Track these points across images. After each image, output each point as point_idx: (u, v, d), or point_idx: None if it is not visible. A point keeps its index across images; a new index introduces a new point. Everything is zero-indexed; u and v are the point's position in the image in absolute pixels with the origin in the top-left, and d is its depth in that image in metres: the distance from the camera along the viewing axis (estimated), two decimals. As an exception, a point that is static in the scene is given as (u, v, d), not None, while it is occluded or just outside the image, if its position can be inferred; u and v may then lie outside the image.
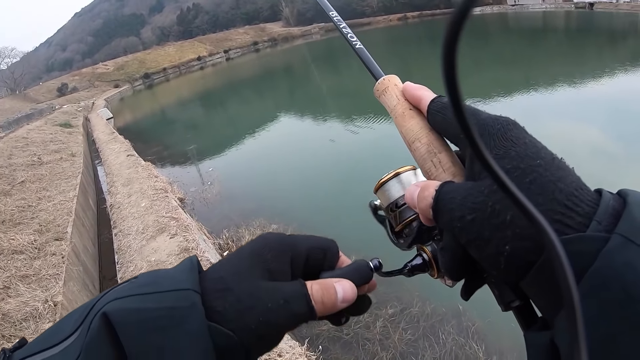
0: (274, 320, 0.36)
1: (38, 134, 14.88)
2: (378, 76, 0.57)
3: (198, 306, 0.34)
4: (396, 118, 0.51)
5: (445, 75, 0.22)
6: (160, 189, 6.92)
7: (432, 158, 0.46)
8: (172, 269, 0.39)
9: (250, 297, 0.37)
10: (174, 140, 16.74)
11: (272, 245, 0.41)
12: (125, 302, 0.34)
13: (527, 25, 39.28)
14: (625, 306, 0.26)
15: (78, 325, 0.34)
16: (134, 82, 67.18)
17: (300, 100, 20.84)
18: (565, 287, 0.24)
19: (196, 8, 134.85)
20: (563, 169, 0.33)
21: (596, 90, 11.28)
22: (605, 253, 0.27)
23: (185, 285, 0.36)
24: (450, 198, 0.36)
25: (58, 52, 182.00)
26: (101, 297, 0.36)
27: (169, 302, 0.34)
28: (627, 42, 20.83)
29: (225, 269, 0.39)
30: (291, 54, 56.28)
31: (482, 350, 3.58)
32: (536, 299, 0.35)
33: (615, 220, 0.29)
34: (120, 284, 0.38)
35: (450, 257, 0.39)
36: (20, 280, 4.07)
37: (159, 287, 0.36)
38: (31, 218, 5.80)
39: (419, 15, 74.65)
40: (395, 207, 0.51)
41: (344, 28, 0.63)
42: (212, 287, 0.37)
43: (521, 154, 0.34)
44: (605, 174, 6.12)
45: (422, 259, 0.48)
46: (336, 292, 0.40)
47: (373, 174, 2.36)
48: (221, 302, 0.36)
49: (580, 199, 0.31)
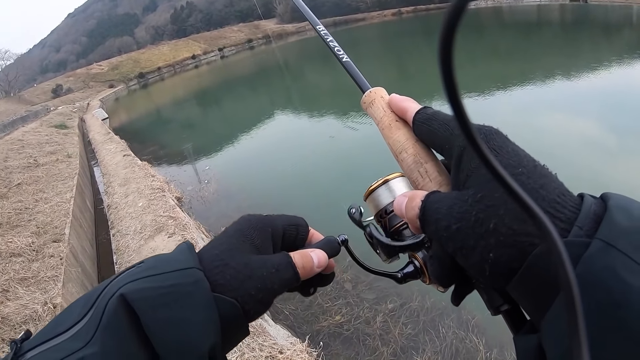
0: (269, 285, 0.43)
1: (33, 136, 14.84)
2: (365, 89, 0.58)
3: (203, 280, 0.40)
4: (383, 130, 0.53)
5: (442, 68, 0.22)
6: (157, 189, 6.91)
7: (419, 168, 0.47)
8: (172, 252, 0.44)
9: (246, 269, 0.43)
10: (170, 140, 16.69)
11: (254, 224, 0.48)
12: (138, 283, 0.38)
13: (522, 18, 39.29)
14: (607, 311, 0.26)
15: (87, 311, 0.37)
16: (128, 82, 67.05)
17: (296, 97, 20.82)
18: (564, 280, 0.24)
19: (190, 6, 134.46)
20: (546, 176, 0.34)
21: (592, 83, 11.28)
22: (586, 258, 0.28)
23: (188, 265, 0.41)
24: (436, 208, 0.38)
25: (52, 54, 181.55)
26: (110, 282, 0.40)
27: (178, 279, 0.39)
28: (622, 34, 20.84)
29: (218, 248, 0.45)
30: (285, 51, 56.19)
31: (483, 344, 3.59)
32: (522, 302, 0.35)
33: (597, 225, 0.29)
34: (128, 268, 0.42)
35: (439, 265, 0.41)
36: (19, 283, 4.06)
37: (166, 268, 0.40)
38: (28, 220, 5.78)
39: (413, 10, 74.63)
40: (385, 213, 0.53)
41: (332, 41, 0.65)
42: (211, 264, 0.42)
43: (504, 162, 0.35)
44: (601, 167, 6.14)
45: (414, 267, 0.49)
46: (312, 259, 0.48)
47: (368, 171, 2.42)
48: (222, 276, 0.42)
49: (562, 205, 0.32)
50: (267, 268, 0.44)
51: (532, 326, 0.36)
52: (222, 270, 0.42)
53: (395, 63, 23.69)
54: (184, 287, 0.39)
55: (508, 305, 0.39)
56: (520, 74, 13.56)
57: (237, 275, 0.42)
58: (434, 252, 0.41)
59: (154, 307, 0.37)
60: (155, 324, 0.36)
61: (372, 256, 0.55)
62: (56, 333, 0.36)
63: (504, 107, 10.49)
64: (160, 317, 0.36)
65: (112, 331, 0.35)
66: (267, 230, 0.48)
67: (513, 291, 0.34)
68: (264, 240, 0.47)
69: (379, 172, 0.55)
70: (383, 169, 0.55)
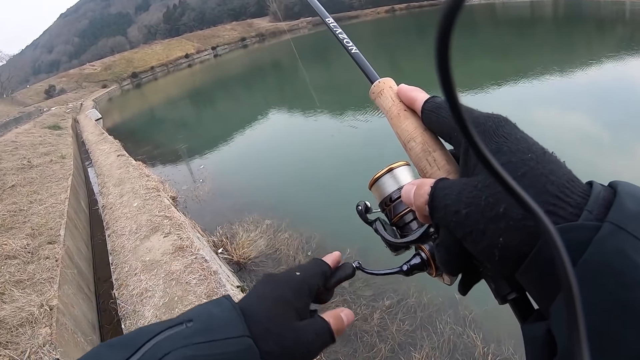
0: (312, 351, 0.46)
1: (27, 137, 14.73)
2: (373, 79, 0.59)
3: (254, 349, 0.42)
4: (391, 119, 0.53)
5: (438, 65, 0.22)
6: (152, 188, 6.88)
7: (427, 157, 0.47)
8: (220, 313, 0.45)
9: (291, 336, 0.46)
10: (164, 139, 16.65)
11: (291, 287, 0.51)
12: (191, 349, 0.39)
13: (515, 15, 39.37)
14: (617, 292, 0.27)
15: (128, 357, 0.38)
16: (122, 82, 66.64)
17: (289, 95, 20.81)
18: (562, 273, 0.24)
19: (182, 5, 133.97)
20: (554, 163, 0.34)
21: (585, 79, 11.34)
22: (597, 241, 0.28)
23: (239, 332, 0.42)
24: (445, 194, 0.38)
25: (44, 54, 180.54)
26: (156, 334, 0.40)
27: (227, 348, 0.40)
28: (615, 29, 20.94)
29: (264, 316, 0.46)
30: (279, 49, 56.08)
31: (480, 339, 3.60)
32: (531, 289, 0.35)
33: (606, 210, 0.30)
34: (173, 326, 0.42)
35: (446, 252, 0.41)
36: (15, 285, 4.04)
37: (215, 336, 0.41)
38: (23, 222, 5.75)
39: (406, 7, 74.68)
40: (389, 201, 0.54)
41: (340, 34, 0.66)
42: (259, 333, 0.44)
43: (513, 148, 0.35)
44: (595, 161, 6.17)
45: (421, 258, 0.50)
46: (343, 321, 0.51)
47: (363, 167, 2.42)
48: (267, 343, 0.43)
49: (571, 191, 0.32)
50: (308, 335, 0.47)
51: (539, 315, 0.36)
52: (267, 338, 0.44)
53: (388, 60, 23.67)
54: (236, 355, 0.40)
55: (516, 293, 0.39)
56: (514, 70, 13.61)
57: (284, 343, 0.44)
58: (441, 240, 0.41)
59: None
60: None
61: (377, 254, 0.57)
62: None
63: (498, 102, 10.52)
64: None
65: None
66: (303, 291, 0.51)
67: (522, 277, 0.34)
68: (303, 301, 0.50)
69: (375, 167, 0.55)
70: (379, 164, 0.55)
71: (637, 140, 6.97)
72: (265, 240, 5.80)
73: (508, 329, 3.64)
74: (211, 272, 3.97)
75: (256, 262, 5.40)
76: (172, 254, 4.46)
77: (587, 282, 0.27)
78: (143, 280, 4.18)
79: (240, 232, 5.94)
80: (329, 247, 5.38)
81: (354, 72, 0.63)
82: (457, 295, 4.04)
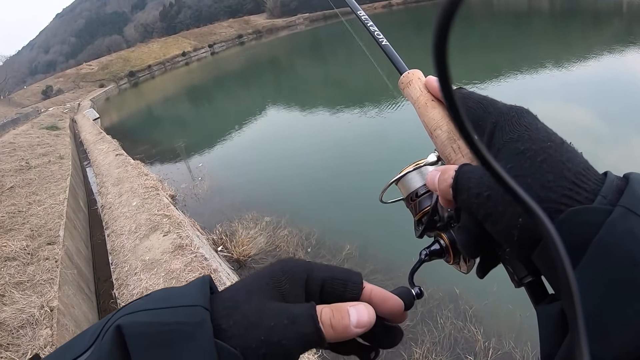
0: (277, 339, 0.35)
1: (25, 138, 14.72)
2: (402, 70, 0.61)
3: (207, 323, 0.34)
4: (419, 108, 0.55)
5: (436, 65, 0.23)
6: (151, 187, 6.88)
7: (452, 144, 0.50)
8: (184, 286, 0.39)
9: (255, 316, 0.36)
10: (162, 138, 16.63)
11: (287, 268, 0.41)
12: (137, 316, 0.35)
13: (512, 9, 39.26)
14: (627, 270, 0.29)
15: (92, 342, 0.34)
16: (119, 81, 66.45)
17: (287, 92, 20.79)
18: (562, 274, 0.26)
19: (179, 3, 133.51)
20: (572, 152, 0.37)
21: (582, 71, 11.32)
22: (609, 223, 0.30)
23: (195, 302, 0.36)
24: (468, 178, 0.40)
25: (41, 55, 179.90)
26: (115, 313, 0.36)
27: (179, 318, 0.34)
28: (613, 22, 20.90)
29: (236, 288, 0.39)
30: (276, 46, 55.96)
31: (481, 333, 3.61)
32: (545, 270, 0.37)
33: (619, 196, 0.32)
34: (134, 300, 0.38)
35: (467, 235, 0.43)
36: (15, 287, 4.04)
37: (170, 303, 0.36)
38: (22, 223, 5.74)
39: (403, 2, 74.37)
40: (415, 196, 0.56)
41: (372, 26, 0.68)
42: (221, 305, 0.37)
43: (533, 137, 0.38)
44: (592, 153, 6.16)
45: (440, 245, 0.51)
46: (349, 315, 0.38)
47: (361, 163, 2.40)
48: (227, 320, 0.36)
49: (587, 177, 0.34)
50: (279, 318, 0.36)
51: (553, 298, 0.39)
52: (229, 313, 0.36)
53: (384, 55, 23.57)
54: (187, 326, 0.34)
55: (531, 277, 0.41)
56: (511, 63, 13.59)
57: (242, 321, 0.36)
58: (463, 223, 0.43)
59: (150, 345, 0.32)
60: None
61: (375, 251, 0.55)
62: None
63: (495, 96, 10.49)
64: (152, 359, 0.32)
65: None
66: (300, 276, 0.41)
67: (538, 258, 0.36)
68: (295, 288, 0.40)
69: (374, 164, 0.55)
70: (379, 161, 0.55)
71: (634, 132, 6.97)
72: (265, 238, 5.80)
73: (509, 323, 3.64)
74: (211, 270, 3.98)
75: (256, 260, 5.40)
76: (171, 253, 4.47)
77: (599, 261, 0.30)
78: (143, 279, 4.18)
79: (239, 230, 5.94)
80: (328, 243, 5.37)
81: (352, 68, 0.62)
82: (457, 290, 4.05)
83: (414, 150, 6.90)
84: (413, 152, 0.59)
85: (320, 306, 0.38)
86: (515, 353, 3.41)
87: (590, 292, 0.29)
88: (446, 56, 0.22)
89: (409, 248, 0.57)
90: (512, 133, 0.39)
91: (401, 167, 0.57)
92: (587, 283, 0.30)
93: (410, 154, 0.60)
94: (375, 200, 0.60)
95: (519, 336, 3.51)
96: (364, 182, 6.92)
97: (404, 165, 0.57)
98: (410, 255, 4.93)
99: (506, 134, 0.40)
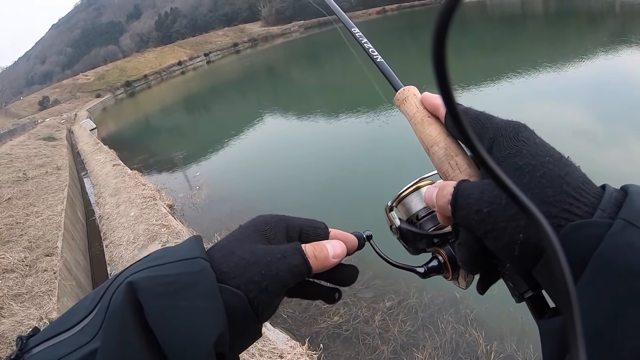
0: (275, 271, 0.41)
1: (22, 150, 14.71)
2: (397, 87, 0.61)
3: (208, 270, 0.39)
4: (415, 125, 0.55)
5: (436, 71, 0.23)
6: (149, 197, 6.87)
7: (450, 160, 0.49)
8: (180, 244, 0.44)
9: (251, 255, 0.42)
10: (159, 147, 16.63)
11: (268, 219, 0.48)
12: (143, 273, 0.38)
13: (506, 11, 39.51)
14: (628, 282, 0.29)
15: (94, 306, 0.37)
16: (115, 91, 66.67)
17: (283, 99, 20.83)
18: (560, 277, 0.26)
19: (174, 12, 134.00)
20: (570, 166, 0.37)
21: (577, 72, 11.37)
22: (610, 236, 0.31)
23: (195, 254, 0.40)
24: (467, 194, 0.40)
25: (37, 65, 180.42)
26: (117, 277, 0.39)
27: (183, 269, 0.39)
28: (607, 22, 21.02)
29: (228, 239, 0.45)
30: (272, 53, 56.16)
31: (483, 337, 3.60)
32: (547, 285, 0.38)
33: (618, 209, 0.32)
34: (135, 262, 0.42)
35: (467, 252, 0.43)
36: (13, 299, 4.02)
37: (172, 258, 0.40)
38: (20, 235, 5.73)
39: (397, 8, 74.70)
40: (416, 219, 0.55)
41: (366, 43, 0.68)
42: (218, 254, 0.42)
43: (532, 152, 0.38)
44: (588, 155, 6.18)
45: (438, 261, 0.52)
46: (327, 249, 0.46)
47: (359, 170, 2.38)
48: (227, 264, 0.41)
49: (586, 192, 0.35)
50: (273, 254, 0.42)
51: (554, 312, 0.39)
52: (227, 259, 0.41)
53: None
54: (189, 276, 0.38)
55: (532, 292, 0.41)
56: (507, 65, 13.64)
57: (241, 262, 0.41)
58: (462, 240, 0.43)
59: (157, 295, 0.36)
60: (158, 313, 0.35)
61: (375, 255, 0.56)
62: (63, 329, 0.36)
63: (492, 99, 10.52)
64: (163, 305, 0.36)
65: (115, 320, 0.34)
66: (281, 226, 0.48)
67: (539, 273, 0.36)
68: (277, 234, 0.47)
69: (371, 172, 0.55)
70: (377, 165, 0.55)
71: (630, 132, 6.99)
72: (264, 245, 5.78)
73: (510, 326, 3.63)
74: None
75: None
76: (170, 262, 4.45)
77: (601, 274, 0.30)
78: (142, 289, 4.16)
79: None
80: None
81: (348, 75, 0.63)
82: (457, 294, 4.03)
83: (410, 157, 6.87)
84: (410, 159, 0.59)
85: (303, 245, 0.45)
86: (518, 356, 3.40)
87: (592, 307, 0.30)
88: (445, 64, 0.22)
89: (408, 255, 0.56)
90: (510, 148, 0.40)
91: (399, 177, 0.57)
92: (589, 298, 0.30)
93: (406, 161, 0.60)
94: (376, 206, 0.60)
95: (521, 339, 3.50)
96: (362, 189, 6.93)
97: (401, 176, 0.57)
98: (411, 261, 4.92)
99: (504, 150, 0.40)
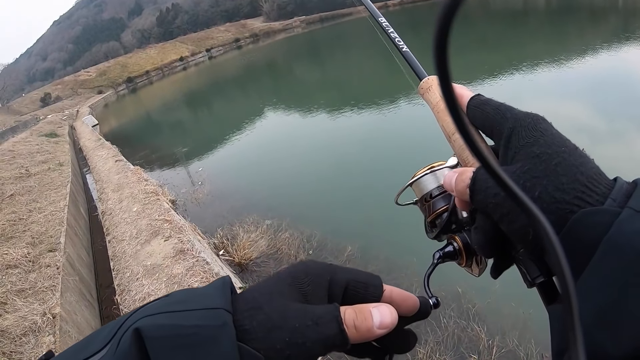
0: (301, 341, 0.35)
1: (24, 146, 14.72)
2: (422, 76, 0.63)
3: (229, 325, 0.34)
4: (438, 113, 0.57)
5: (437, 68, 0.23)
6: (151, 193, 6.88)
7: None
8: (204, 287, 0.38)
9: (279, 317, 0.36)
10: (161, 143, 16.63)
11: (310, 270, 0.40)
12: (156, 318, 0.34)
13: (508, 7, 39.35)
14: (635, 267, 0.31)
15: (108, 341, 0.34)
16: (117, 87, 66.62)
17: (285, 95, 20.79)
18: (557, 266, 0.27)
19: (175, 8, 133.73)
20: (584, 157, 0.39)
21: (580, 68, 11.32)
22: (618, 223, 0.33)
23: (217, 305, 0.35)
24: (486, 178, 0.42)
25: (39, 62, 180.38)
26: (132, 314, 0.35)
27: (201, 320, 0.33)
28: (609, 18, 20.92)
29: (258, 289, 0.38)
30: (273, 49, 56.02)
31: (485, 332, 3.60)
32: None
33: (627, 199, 0.34)
34: (152, 301, 0.37)
35: (483, 236, 0.45)
36: (17, 294, 4.03)
37: (190, 305, 0.35)
38: (23, 231, 5.74)
39: (400, 3, 74.48)
40: (429, 197, 0.57)
41: (392, 33, 0.71)
42: (244, 307, 0.36)
43: (549, 142, 0.40)
44: (590, 150, 6.16)
45: (453, 247, 0.52)
46: (372, 316, 0.38)
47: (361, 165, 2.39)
48: (250, 321, 0.35)
49: (598, 182, 0.37)
50: (303, 319, 0.36)
51: None
52: (251, 315, 0.35)
53: (383, 55, 23.65)
54: (208, 330, 0.33)
55: (544, 277, 0.42)
56: (508, 61, 13.59)
57: (266, 323, 0.35)
58: (479, 223, 0.45)
59: (171, 348, 0.32)
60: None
61: (377, 252, 0.55)
62: None
63: (493, 95, 10.48)
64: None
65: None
66: (324, 279, 0.40)
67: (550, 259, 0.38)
68: (318, 289, 0.40)
69: (373, 167, 0.55)
70: (379, 163, 0.55)
71: (632, 128, 6.97)
72: (266, 241, 5.79)
73: (512, 321, 3.64)
74: (213, 274, 3.97)
75: (258, 263, 5.39)
76: (173, 258, 4.46)
77: (609, 259, 0.32)
78: (145, 284, 4.17)
79: (240, 233, 5.93)
80: (330, 245, 5.36)
81: (350, 70, 0.63)
82: (459, 289, 4.04)
83: (413, 150, 6.87)
84: (412, 153, 0.59)
85: (343, 307, 0.38)
86: (519, 351, 3.40)
87: (600, 288, 0.31)
88: (447, 59, 0.22)
89: (411, 249, 0.56)
90: (528, 138, 0.42)
91: (402, 169, 0.58)
92: (597, 279, 0.32)
93: (409, 155, 0.60)
94: (376, 201, 0.60)
95: (523, 334, 3.51)
96: (364, 184, 6.92)
97: (404, 167, 0.58)
98: (411, 256, 4.93)
99: (522, 139, 0.42)
